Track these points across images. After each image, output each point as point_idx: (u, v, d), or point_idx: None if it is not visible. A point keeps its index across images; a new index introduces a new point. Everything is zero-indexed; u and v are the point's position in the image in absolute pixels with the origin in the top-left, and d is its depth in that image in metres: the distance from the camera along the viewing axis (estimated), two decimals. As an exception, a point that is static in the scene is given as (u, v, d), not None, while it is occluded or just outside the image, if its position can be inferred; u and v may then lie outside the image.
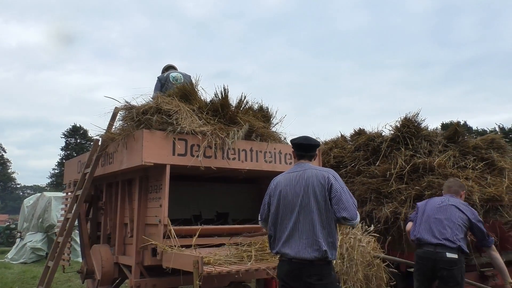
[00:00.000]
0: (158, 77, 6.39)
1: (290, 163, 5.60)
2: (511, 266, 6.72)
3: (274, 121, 5.92)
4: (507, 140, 7.58)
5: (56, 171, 52.04)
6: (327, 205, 3.19)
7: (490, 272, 6.34)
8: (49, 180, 54.30)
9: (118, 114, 5.46)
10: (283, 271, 3.28)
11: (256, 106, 5.82)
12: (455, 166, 6.49)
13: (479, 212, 5.98)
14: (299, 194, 3.26)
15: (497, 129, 38.81)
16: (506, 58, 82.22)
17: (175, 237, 4.50)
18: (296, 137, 3.59)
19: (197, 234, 4.79)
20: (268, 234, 3.50)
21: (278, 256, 3.40)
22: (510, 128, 43.53)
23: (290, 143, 3.66)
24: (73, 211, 5.41)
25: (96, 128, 5.44)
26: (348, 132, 8.48)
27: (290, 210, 3.27)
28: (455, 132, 7.14)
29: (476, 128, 42.29)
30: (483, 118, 75.48)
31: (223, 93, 5.36)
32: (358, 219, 3.26)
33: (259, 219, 3.66)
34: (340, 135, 8.56)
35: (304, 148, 3.49)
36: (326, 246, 3.14)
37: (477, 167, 6.55)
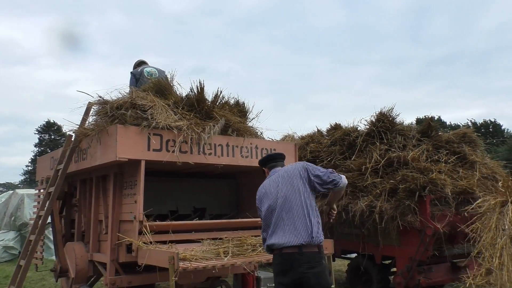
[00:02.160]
0: (132, 72, 6.30)
1: (267, 158, 5.61)
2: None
3: (250, 116, 5.92)
4: (478, 134, 7.76)
5: (29, 168, 50.83)
6: (307, 189, 3.37)
7: (462, 263, 6.51)
8: (22, 178, 53.02)
9: (92, 109, 5.36)
10: (276, 265, 3.34)
11: (232, 101, 5.80)
12: (429, 160, 6.61)
13: (451, 205, 6.14)
14: (277, 187, 3.42)
15: (470, 124, 39.76)
16: (476, 56, 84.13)
17: (148, 234, 4.45)
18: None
19: (173, 230, 4.77)
20: (262, 236, 3.56)
21: (271, 252, 3.43)
22: (481, 123, 44.66)
23: (259, 165, 3.89)
24: (45, 209, 5.29)
25: (69, 123, 5.32)
26: (324, 127, 8.56)
27: (272, 203, 3.39)
28: (428, 127, 7.27)
29: (449, 123, 43.23)
30: (456, 114, 77.14)
31: (199, 87, 5.31)
32: (344, 179, 3.44)
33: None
34: (316, 130, 8.62)
35: (273, 157, 3.80)
36: (311, 229, 3.24)
37: (449, 161, 6.70)
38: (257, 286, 6.46)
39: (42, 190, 6.32)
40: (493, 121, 46.45)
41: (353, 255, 7.47)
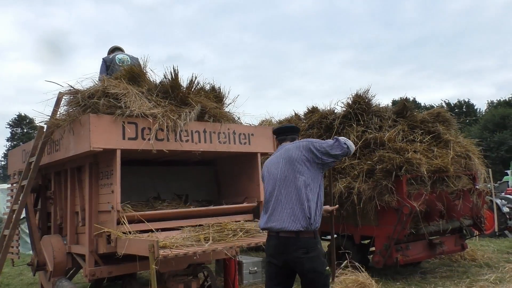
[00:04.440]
0: (103, 59, 6.15)
1: (245, 143, 5.59)
2: (456, 234, 7.13)
3: (227, 101, 5.86)
4: (452, 114, 7.90)
5: (2, 163, 49.68)
6: (310, 170, 3.27)
7: (438, 240, 6.68)
8: (-5, 173, 51.71)
9: (63, 100, 5.22)
10: (271, 246, 3.31)
11: (208, 87, 5.72)
12: (404, 140, 6.71)
13: (427, 184, 6.26)
14: (277, 167, 3.36)
15: (444, 104, 40.52)
16: (447, 37, 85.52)
17: (126, 224, 4.40)
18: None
19: (152, 219, 4.72)
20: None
21: (267, 232, 3.42)
22: (455, 103, 45.60)
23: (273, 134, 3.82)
24: (19, 202, 5.16)
25: (40, 115, 5.17)
26: (301, 111, 8.57)
27: (272, 184, 3.35)
28: (403, 107, 7.36)
29: (424, 104, 43.95)
30: (429, 95, 78.67)
31: (173, 74, 5.22)
32: (350, 144, 3.35)
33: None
34: (294, 114, 8.63)
35: (283, 130, 3.64)
36: (308, 214, 3.18)
37: (424, 140, 6.81)
38: (239, 271, 6.50)
39: (15, 184, 6.16)
40: (466, 101, 47.48)
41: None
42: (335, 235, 7.34)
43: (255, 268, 6.69)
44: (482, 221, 7.14)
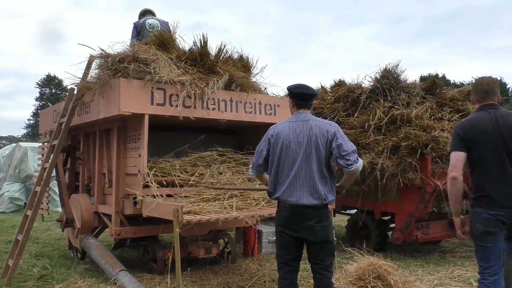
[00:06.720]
0: (134, 24, 6.17)
1: (270, 114, 5.59)
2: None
3: (254, 71, 5.84)
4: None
5: (31, 121, 50.91)
6: (327, 156, 3.26)
7: (460, 219, 6.62)
8: (24, 131, 53.20)
9: (94, 63, 5.29)
10: (284, 216, 3.32)
11: (236, 56, 5.70)
12: (432, 118, 6.58)
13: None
14: (302, 144, 3.26)
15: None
16: (478, 13, 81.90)
17: (154, 187, 4.51)
18: (292, 84, 3.47)
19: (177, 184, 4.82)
20: (269, 181, 3.42)
21: (277, 202, 3.41)
22: (486, 81, 43.95)
23: (288, 91, 3.50)
24: (50, 161, 5.34)
25: (71, 77, 5.28)
26: (328, 84, 8.47)
27: (292, 159, 3.27)
28: (433, 84, 7.19)
29: (453, 81, 42.71)
30: (459, 72, 76.23)
31: (202, 41, 5.22)
32: (359, 165, 3.22)
33: (251, 167, 3.55)
34: (320, 87, 8.54)
35: (306, 97, 3.43)
36: (324, 193, 3.23)
37: (453, 119, 6.67)
38: (258, 239, 6.63)
39: (46, 143, 6.35)
40: (498, 79, 45.90)
41: (353, 211, 7.59)
42: (355, 210, 7.38)
43: (274, 238, 6.78)
44: (506, 203, 7.03)
